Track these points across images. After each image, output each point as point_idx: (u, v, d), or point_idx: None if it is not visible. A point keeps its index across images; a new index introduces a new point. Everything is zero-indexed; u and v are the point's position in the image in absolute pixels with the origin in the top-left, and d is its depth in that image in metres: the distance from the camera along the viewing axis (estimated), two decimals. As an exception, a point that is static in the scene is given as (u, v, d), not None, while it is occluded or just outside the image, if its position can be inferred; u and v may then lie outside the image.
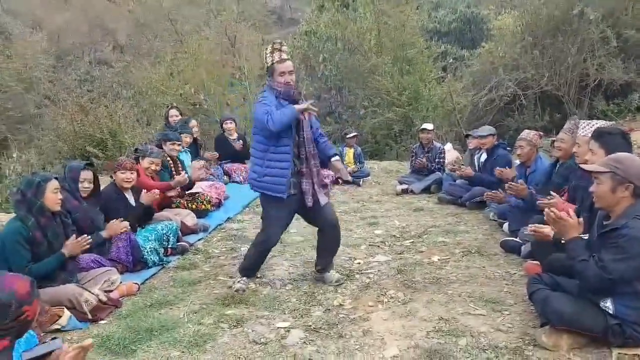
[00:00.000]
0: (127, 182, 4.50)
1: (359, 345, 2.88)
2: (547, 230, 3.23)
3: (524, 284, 3.58)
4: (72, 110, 9.26)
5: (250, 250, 3.91)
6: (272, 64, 3.49)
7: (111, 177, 4.66)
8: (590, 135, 3.39)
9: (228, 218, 5.92)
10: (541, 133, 5.30)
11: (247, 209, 6.48)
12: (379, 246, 4.81)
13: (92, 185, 4.09)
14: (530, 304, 3.14)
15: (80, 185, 3.99)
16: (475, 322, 3.06)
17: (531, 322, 2.99)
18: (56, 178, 3.44)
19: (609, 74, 12.25)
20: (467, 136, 7.26)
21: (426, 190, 7.21)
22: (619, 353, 2.56)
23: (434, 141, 7.61)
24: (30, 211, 3.27)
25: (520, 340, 2.79)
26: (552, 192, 3.90)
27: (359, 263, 4.32)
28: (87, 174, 4.04)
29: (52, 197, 3.34)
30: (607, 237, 2.55)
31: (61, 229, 3.47)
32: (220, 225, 5.67)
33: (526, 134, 5.11)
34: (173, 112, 7.40)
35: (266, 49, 3.56)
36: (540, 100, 13.34)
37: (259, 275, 4.06)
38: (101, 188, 4.29)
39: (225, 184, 6.92)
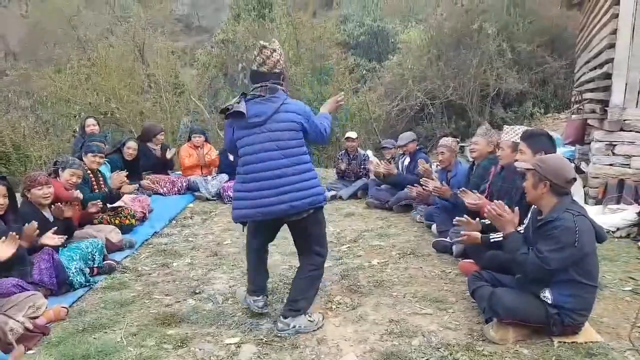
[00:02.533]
0: (45, 197, 4.14)
1: (315, 355, 2.86)
2: (475, 234, 3.50)
3: (460, 282, 3.80)
4: (-35, 122, 8.39)
5: (310, 287, 3.28)
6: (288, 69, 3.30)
7: (23, 195, 4.24)
8: (515, 138, 3.71)
9: (155, 232, 5.64)
10: (458, 139, 5.64)
11: (174, 221, 6.21)
12: None
13: (7, 201, 3.71)
14: (471, 300, 3.31)
15: None
16: (423, 321, 3.17)
17: (475, 318, 3.16)
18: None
19: (506, 84, 13.39)
20: (382, 148, 7.56)
21: (353, 196, 7.40)
22: (559, 342, 2.77)
23: (358, 149, 7.82)
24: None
25: (469, 336, 2.93)
26: (476, 193, 4.17)
27: (300, 271, 4.31)
28: (0, 189, 3.66)
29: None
30: (542, 229, 2.76)
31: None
32: (147, 240, 5.38)
33: (445, 140, 5.47)
34: (90, 121, 6.92)
35: (280, 49, 3.21)
36: (446, 109, 14.24)
37: (197, 292, 3.92)
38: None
39: (149, 196, 6.58)
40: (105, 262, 4.40)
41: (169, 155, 7.51)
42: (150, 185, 6.53)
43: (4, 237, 3.28)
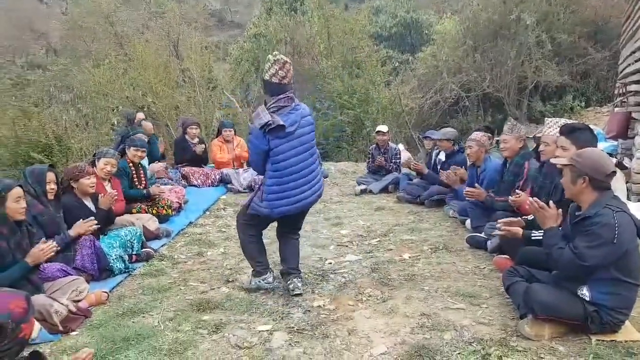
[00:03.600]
0: (91, 187, 4.36)
1: (346, 345, 2.88)
2: (517, 228, 3.43)
3: (494, 277, 3.74)
4: (14, 115, 8.71)
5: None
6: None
7: (67, 185, 4.39)
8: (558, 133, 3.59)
9: (190, 222, 5.77)
10: (490, 134, 5.51)
11: (208, 212, 6.35)
12: (347, 246, 4.85)
13: (56, 187, 3.92)
14: (505, 296, 3.26)
15: (47, 187, 3.82)
16: (456, 316, 3.14)
17: (509, 314, 3.10)
18: (20, 185, 3.23)
19: (545, 77, 12.97)
20: (425, 137, 7.45)
21: (384, 190, 7.37)
22: (597, 340, 2.70)
23: (389, 142, 7.76)
24: (-9, 221, 3.06)
25: (503, 331, 2.89)
26: (517, 190, 4.10)
27: (331, 263, 4.34)
28: (51, 176, 3.89)
29: (15, 206, 3.16)
30: (580, 225, 2.70)
31: (26, 238, 3.28)
32: (182, 229, 5.52)
33: (475, 134, 5.35)
34: (140, 115, 7.23)
35: (289, 62, 3.46)
36: (482, 102, 13.94)
37: (230, 280, 3.99)
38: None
39: (184, 187, 6.73)
40: (143, 249, 4.55)
41: (198, 150, 7.67)
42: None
43: (43, 239, 3.41)
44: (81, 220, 3.92)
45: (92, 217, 4.02)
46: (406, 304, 3.37)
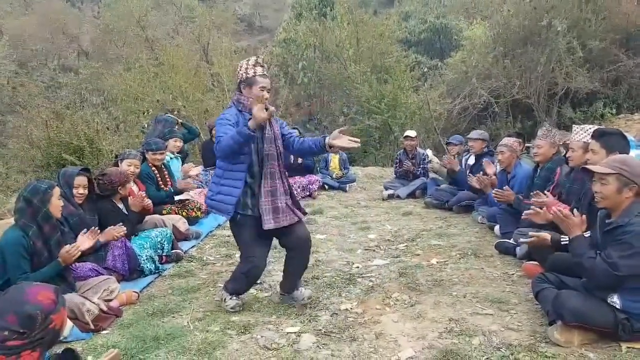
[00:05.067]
0: (126, 190, 4.46)
1: (373, 348, 2.89)
2: (544, 234, 3.37)
3: (524, 284, 3.69)
4: (47, 117, 8.98)
5: (239, 278, 3.50)
6: (254, 76, 3.30)
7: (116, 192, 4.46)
8: (586, 138, 3.54)
9: (218, 225, 5.85)
10: (520, 140, 5.46)
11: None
12: (374, 250, 4.86)
13: (86, 192, 3.99)
14: (534, 302, 3.22)
15: (75, 191, 3.88)
16: (484, 321, 3.11)
17: (538, 320, 3.06)
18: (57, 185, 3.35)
19: (575, 83, 12.71)
20: (447, 143, 7.42)
21: (411, 195, 7.36)
22: (627, 347, 2.65)
23: (417, 147, 7.75)
24: (35, 219, 3.18)
25: (532, 337, 2.86)
26: (545, 192, 4.03)
27: (358, 267, 4.35)
28: (81, 180, 3.93)
29: (57, 203, 3.28)
30: (612, 234, 2.64)
31: (61, 236, 3.37)
32: (211, 232, 5.61)
33: (507, 140, 5.31)
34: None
35: (247, 60, 3.38)
36: (512, 108, 13.72)
37: (259, 282, 4.03)
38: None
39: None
40: (173, 250, 4.63)
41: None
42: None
43: (86, 230, 3.53)
44: (111, 227, 3.94)
45: (122, 222, 4.06)
46: (434, 309, 3.35)
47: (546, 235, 3.38)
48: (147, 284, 4.07)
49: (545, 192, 4.08)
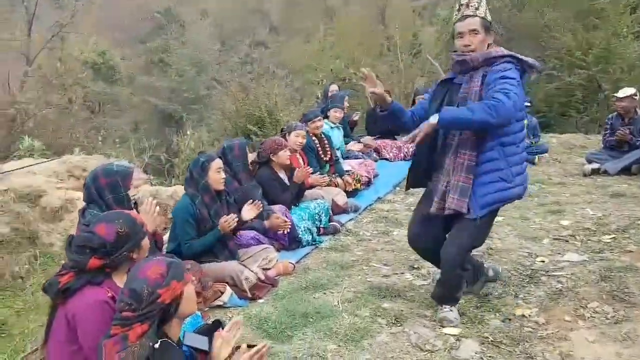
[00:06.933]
0: (288, 159, 4.55)
1: (556, 373, 2.38)
2: None
3: None
4: (235, 90, 9.80)
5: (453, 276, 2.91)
6: (454, 23, 2.77)
7: (263, 158, 4.60)
8: None
9: (378, 198, 5.69)
10: None
11: (398, 188, 6.13)
12: (567, 241, 4.03)
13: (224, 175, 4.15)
14: None
15: (218, 175, 3.87)
16: None
17: None
18: (220, 158, 3.55)
19: None
20: None
21: (625, 170, 5.99)
22: None
23: (637, 110, 6.32)
24: (197, 189, 3.41)
25: None
26: None
27: (543, 262, 3.65)
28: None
29: (215, 176, 3.44)
30: None
31: (225, 208, 3.56)
32: (370, 205, 5.46)
33: None
34: (334, 87, 7.45)
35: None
36: None
37: (415, 266, 3.75)
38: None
39: (375, 161, 6.68)
40: (331, 223, 4.63)
41: (355, 117, 7.53)
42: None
43: (250, 201, 3.67)
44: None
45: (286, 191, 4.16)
46: (649, 331, 2.62)
47: None
48: (303, 255, 4.10)
49: None
